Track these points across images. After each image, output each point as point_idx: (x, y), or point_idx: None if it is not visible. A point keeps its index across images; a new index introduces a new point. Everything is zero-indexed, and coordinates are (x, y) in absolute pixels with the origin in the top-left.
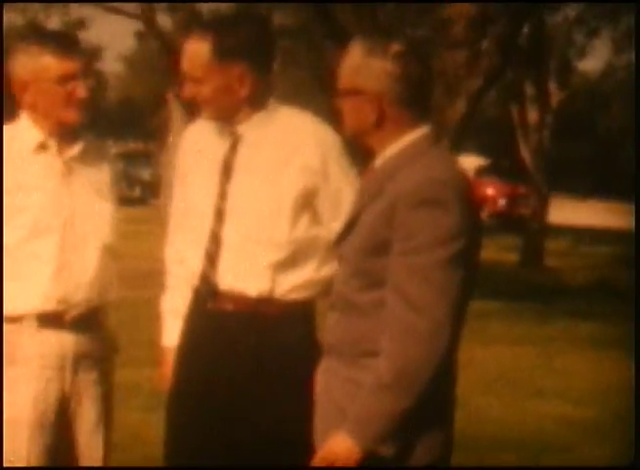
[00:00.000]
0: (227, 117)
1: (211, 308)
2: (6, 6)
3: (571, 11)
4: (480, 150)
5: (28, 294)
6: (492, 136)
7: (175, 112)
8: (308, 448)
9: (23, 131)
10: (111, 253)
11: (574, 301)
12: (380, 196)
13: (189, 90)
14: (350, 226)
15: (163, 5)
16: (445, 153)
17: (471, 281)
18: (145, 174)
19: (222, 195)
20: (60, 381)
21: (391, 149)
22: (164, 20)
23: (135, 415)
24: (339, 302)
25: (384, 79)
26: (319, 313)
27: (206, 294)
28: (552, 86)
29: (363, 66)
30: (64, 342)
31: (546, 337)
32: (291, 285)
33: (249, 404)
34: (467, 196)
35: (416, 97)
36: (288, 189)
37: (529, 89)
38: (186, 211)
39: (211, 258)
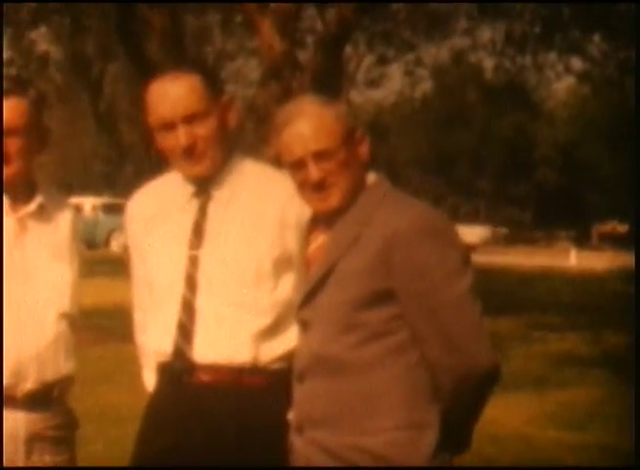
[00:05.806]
0: (218, 164)
1: (187, 382)
2: None
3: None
4: None
5: None
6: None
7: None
8: None
9: None
10: (69, 322)
11: None
12: (358, 243)
13: (187, 135)
14: (321, 283)
15: None
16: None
17: None
18: None
19: (193, 261)
20: (11, 465)
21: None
22: None
23: None
24: (319, 367)
25: (351, 117)
26: None
27: (181, 369)
28: None
29: (335, 114)
30: (16, 422)
31: None
32: (275, 353)
33: None
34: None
35: None
36: (266, 248)
37: None
38: (148, 286)
39: (186, 330)
